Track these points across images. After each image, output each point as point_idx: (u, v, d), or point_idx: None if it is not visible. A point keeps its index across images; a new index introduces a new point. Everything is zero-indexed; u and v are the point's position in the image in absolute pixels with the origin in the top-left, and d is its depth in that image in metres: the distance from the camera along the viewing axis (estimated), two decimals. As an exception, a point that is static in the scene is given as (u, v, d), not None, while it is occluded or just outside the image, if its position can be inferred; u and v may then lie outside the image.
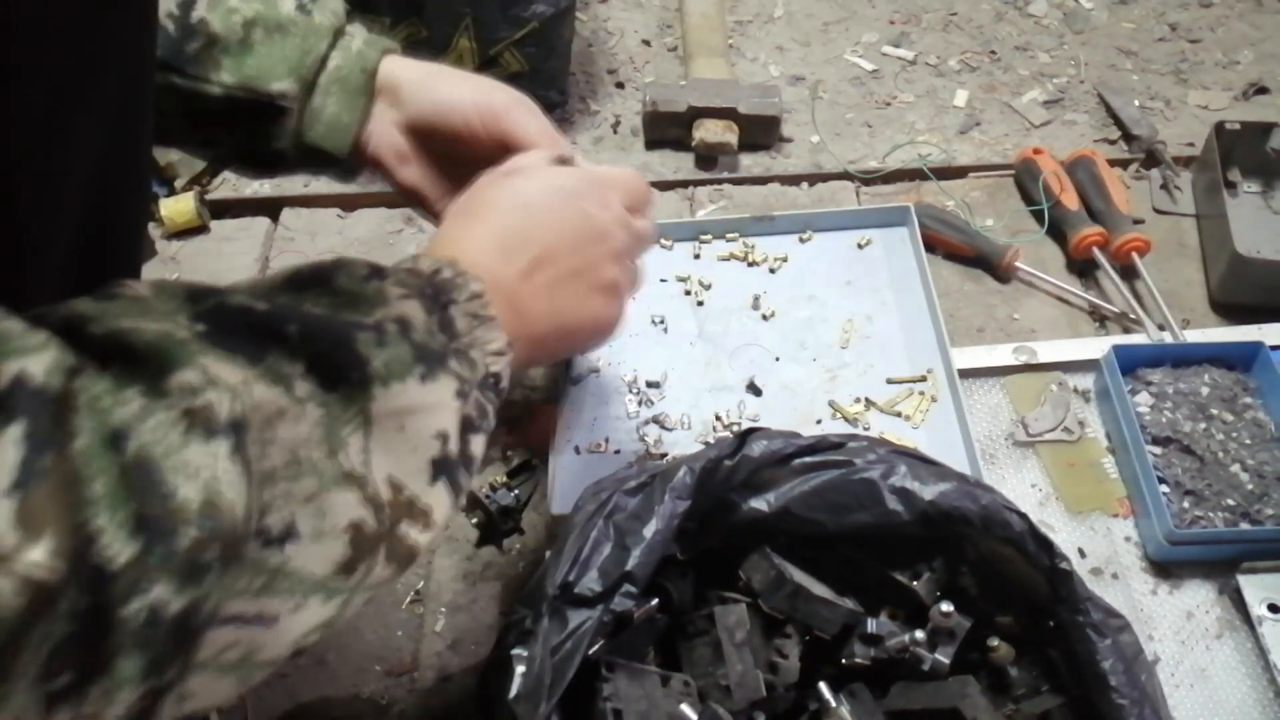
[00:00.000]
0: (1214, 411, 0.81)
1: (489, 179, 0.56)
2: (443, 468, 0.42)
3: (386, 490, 0.39)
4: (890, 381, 0.86)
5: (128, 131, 0.53)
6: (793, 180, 1.08)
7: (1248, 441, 0.80)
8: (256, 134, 0.63)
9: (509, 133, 0.63)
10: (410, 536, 0.41)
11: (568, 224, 0.54)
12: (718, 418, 0.84)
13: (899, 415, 0.84)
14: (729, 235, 0.97)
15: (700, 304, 0.92)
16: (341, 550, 0.37)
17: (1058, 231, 1.00)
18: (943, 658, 0.60)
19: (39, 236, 0.48)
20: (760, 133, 1.11)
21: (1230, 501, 0.77)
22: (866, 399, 0.85)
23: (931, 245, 0.98)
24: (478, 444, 0.46)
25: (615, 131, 1.15)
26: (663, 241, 0.96)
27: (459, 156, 0.64)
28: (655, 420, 0.84)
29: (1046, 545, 0.59)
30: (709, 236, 0.97)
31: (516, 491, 0.82)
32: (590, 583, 0.54)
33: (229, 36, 0.59)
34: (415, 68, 0.65)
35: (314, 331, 0.38)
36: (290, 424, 0.36)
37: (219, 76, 0.60)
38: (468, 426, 0.44)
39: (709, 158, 1.11)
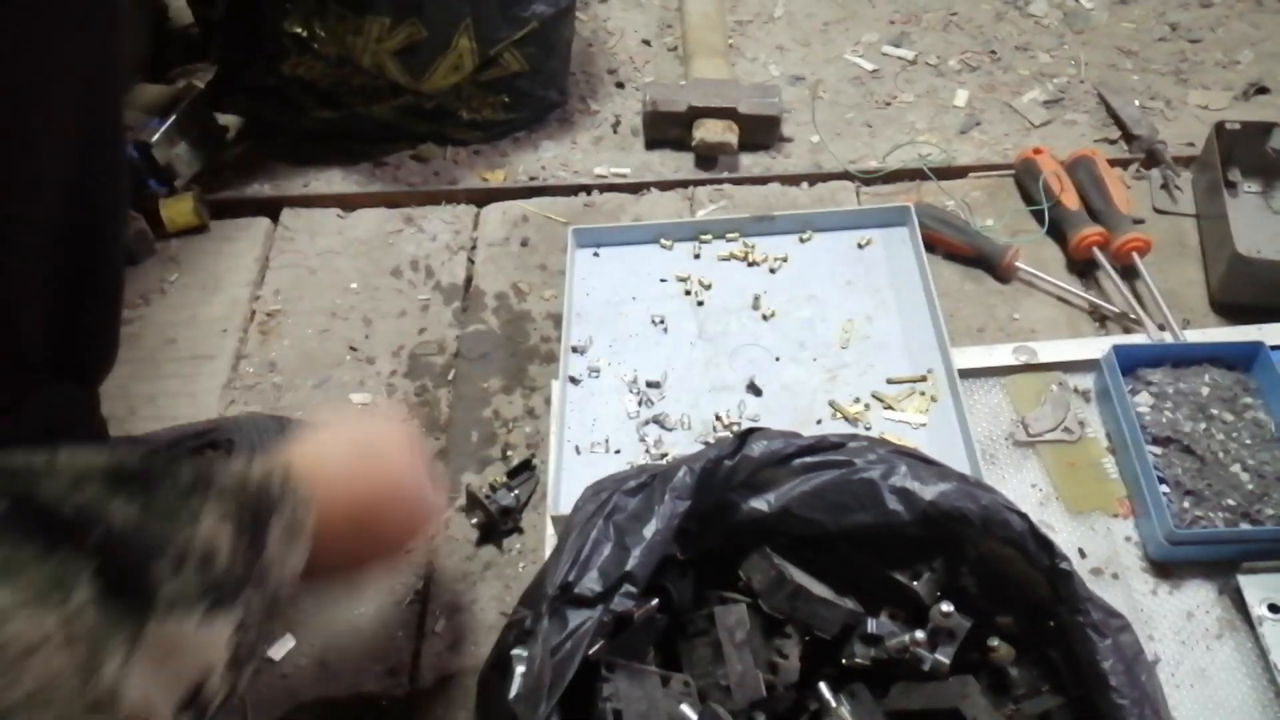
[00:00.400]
0: (1214, 411, 0.81)
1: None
2: (195, 702, 0.42)
3: (138, 709, 0.38)
4: (890, 381, 0.86)
5: (100, 130, 0.53)
6: (793, 180, 1.08)
7: (1248, 441, 0.80)
8: None
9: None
10: None
11: (402, 487, 0.59)
12: (718, 418, 0.84)
13: (899, 415, 0.83)
14: (729, 235, 0.97)
15: (700, 304, 0.92)
16: None
17: (1058, 231, 1.00)
18: (943, 658, 0.60)
19: (15, 236, 0.48)
20: (760, 133, 1.11)
21: (1230, 501, 0.77)
22: (867, 399, 0.85)
23: (931, 245, 0.98)
24: (245, 676, 0.46)
25: (615, 131, 1.15)
26: (663, 241, 0.96)
27: None
28: (655, 420, 0.84)
29: (1047, 545, 0.59)
30: (709, 236, 0.97)
31: (516, 492, 0.82)
32: (590, 583, 0.53)
33: None
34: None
35: (113, 539, 0.38)
36: (47, 656, 0.34)
37: None
38: (238, 661, 0.44)
39: (709, 158, 1.11)
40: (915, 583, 0.62)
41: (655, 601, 0.58)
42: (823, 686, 0.60)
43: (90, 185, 0.53)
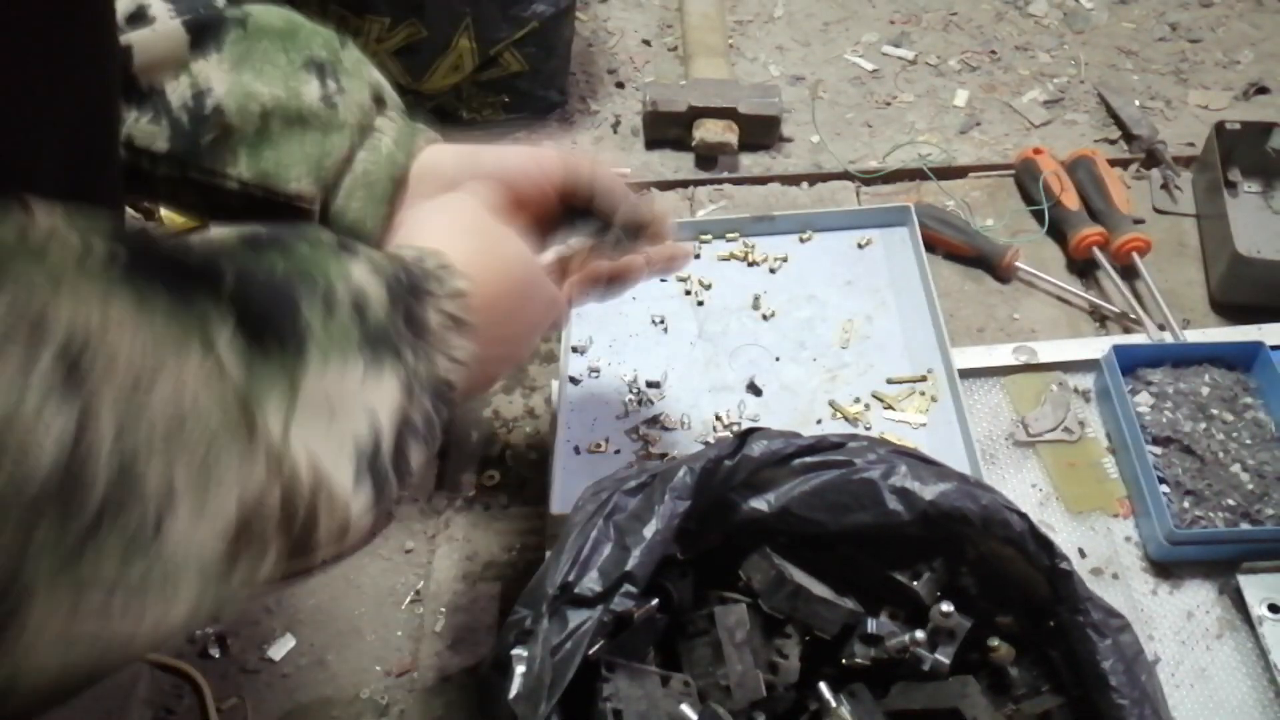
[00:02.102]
0: (1214, 411, 0.81)
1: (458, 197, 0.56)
2: (370, 466, 0.38)
3: (305, 470, 0.35)
4: (890, 381, 0.86)
5: (96, 137, 0.53)
6: (793, 180, 1.08)
7: (1248, 441, 0.80)
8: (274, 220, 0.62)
9: (579, 177, 0.64)
10: (320, 529, 0.36)
11: (530, 286, 0.55)
12: (718, 418, 0.84)
13: (899, 415, 0.83)
14: (729, 235, 0.97)
15: (700, 304, 0.92)
16: (227, 524, 0.32)
17: (1058, 231, 1.00)
18: (943, 658, 0.60)
19: None
20: (760, 133, 1.11)
21: (1230, 501, 0.77)
22: (867, 399, 0.85)
23: (931, 245, 0.98)
24: (415, 454, 0.41)
25: (615, 131, 1.15)
26: (663, 241, 0.96)
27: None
28: (655, 420, 0.84)
29: (1046, 545, 0.59)
30: (709, 236, 0.97)
31: None
32: (590, 583, 0.54)
33: (245, 127, 0.57)
34: (458, 150, 0.63)
35: (253, 284, 0.35)
36: (174, 383, 0.30)
37: (235, 170, 0.57)
38: (408, 430, 0.40)
39: (709, 158, 1.11)
40: (915, 583, 0.62)
41: (655, 601, 0.58)
42: (823, 686, 0.60)
43: (87, 195, 0.53)
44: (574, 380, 0.87)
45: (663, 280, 0.94)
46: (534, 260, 0.56)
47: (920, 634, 0.61)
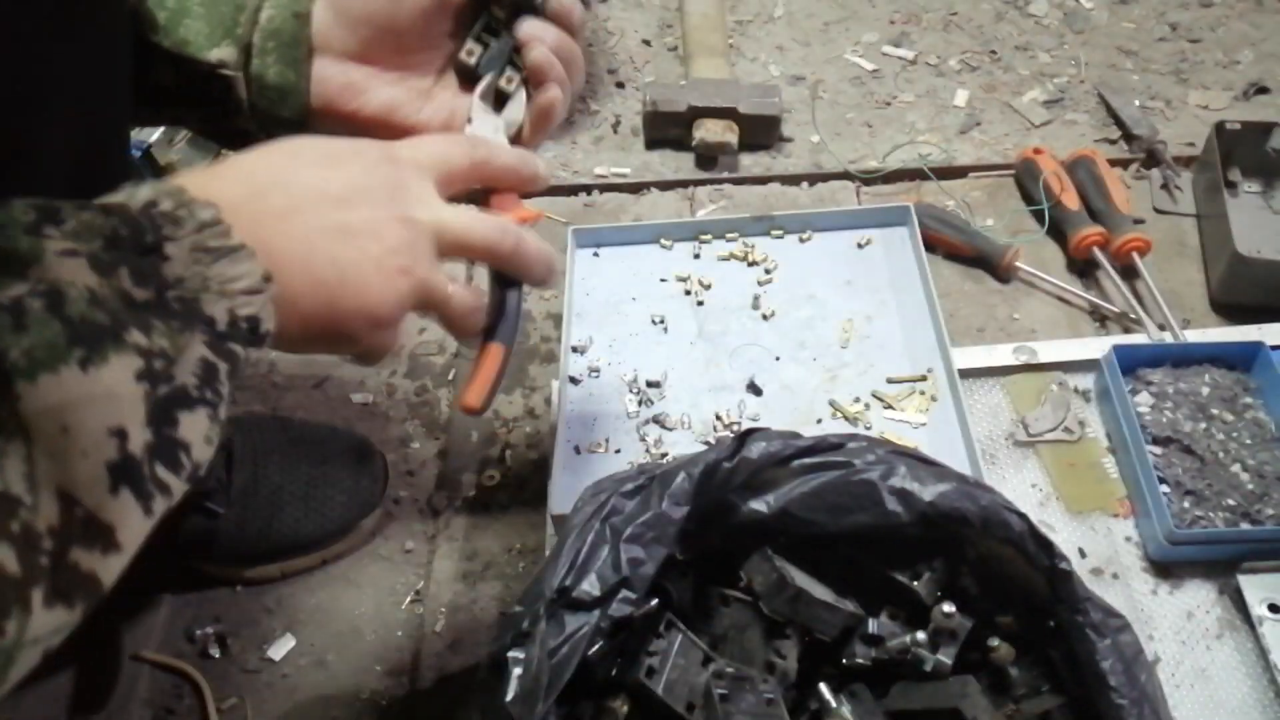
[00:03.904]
0: (1214, 411, 0.81)
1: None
2: (124, 473, 0.34)
3: (52, 509, 0.32)
4: (890, 381, 0.86)
5: (103, 131, 0.53)
6: (793, 180, 1.08)
7: (1248, 441, 0.80)
8: (213, 109, 0.57)
9: None
10: (85, 563, 0.33)
11: (341, 174, 0.47)
12: (718, 418, 0.84)
13: (899, 415, 0.83)
14: (729, 235, 0.97)
15: (700, 304, 0.92)
16: None
17: (1058, 231, 1.00)
18: (944, 658, 0.60)
19: None
20: (760, 133, 1.11)
21: (1230, 501, 0.77)
22: (867, 399, 0.85)
23: (931, 245, 0.98)
24: (192, 425, 0.37)
25: (615, 131, 1.15)
26: (663, 241, 0.97)
27: (414, 44, 0.58)
28: (655, 420, 0.84)
29: (1046, 545, 0.59)
30: (709, 236, 0.97)
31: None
32: (588, 587, 0.53)
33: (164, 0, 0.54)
34: None
35: None
36: None
37: (158, 38, 0.54)
38: (169, 408, 0.36)
39: (709, 158, 1.11)
40: (915, 583, 0.62)
41: (655, 602, 0.58)
42: (823, 687, 0.60)
43: (91, 189, 0.53)
44: (574, 380, 0.87)
45: (662, 280, 0.94)
46: (367, 150, 0.49)
47: (921, 635, 0.61)
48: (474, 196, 0.57)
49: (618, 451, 0.82)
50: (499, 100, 0.61)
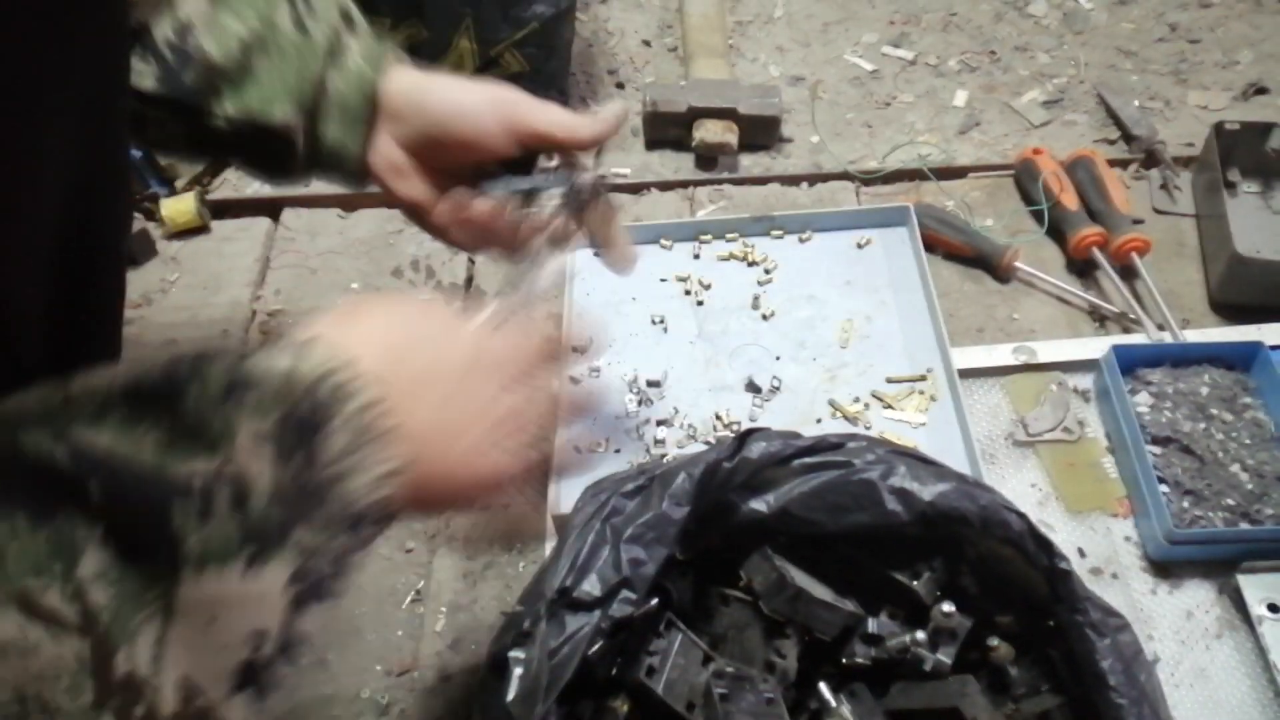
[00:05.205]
0: (1214, 411, 0.82)
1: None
2: (250, 676, 0.35)
3: (175, 698, 0.32)
4: (890, 381, 0.86)
5: (103, 132, 0.53)
6: (793, 180, 1.08)
7: (1247, 441, 0.80)
8: (265, 158, 0.62)
9: (529, 124, 0.61)
10: None
11: (456, 348, 0.48)
12: (718, 417, 0.84)
13: (899, 415, 0.84)
14: (729, 235, 0.97)
15: (700, 304, 0.92)
16: None
17: (1057, 231, 1.00)
18: (944, 658, 0.60)
19: (13, 236, 0.48)
20: (760, 133, 1.11)
21: (1230, 501, 0.77)
22: (867, 398, 0.85)
23: (931, 245, 0.98)
24: (317, 618, 0.38)
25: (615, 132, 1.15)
26: (663, 241, 0.97)
27: (456, 166, 0.63)
28: (655, 420, 0.84)
29: (1046, 545, 0.59)
30: (709, 236, 0.97)
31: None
32: (589, 587, 0.54)
33: (227, 63, 0.57)
34: (411, 81, 0.62)
35: (121, 493, 0.31)
36: (52, 647, 0.29)
37: (221, 108, 0.58)
38: (300, 606, 0.36)
39: (709, 158, 1.11)
40: (915, 583, 0.62)
41: (655, 601, 0.58)
42: (823, 686, 0.60)
43: (92, 189, 0.53)
44: (574, 380, 0.87)
45: (662, 280, 0.94)
46: (465, 326, 0.51)
47: (921, 634, 0.61)
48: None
49: (618, 451, 0.82)
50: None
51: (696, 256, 0.96)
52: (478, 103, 0.61)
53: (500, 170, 0.64)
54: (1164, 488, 0.77)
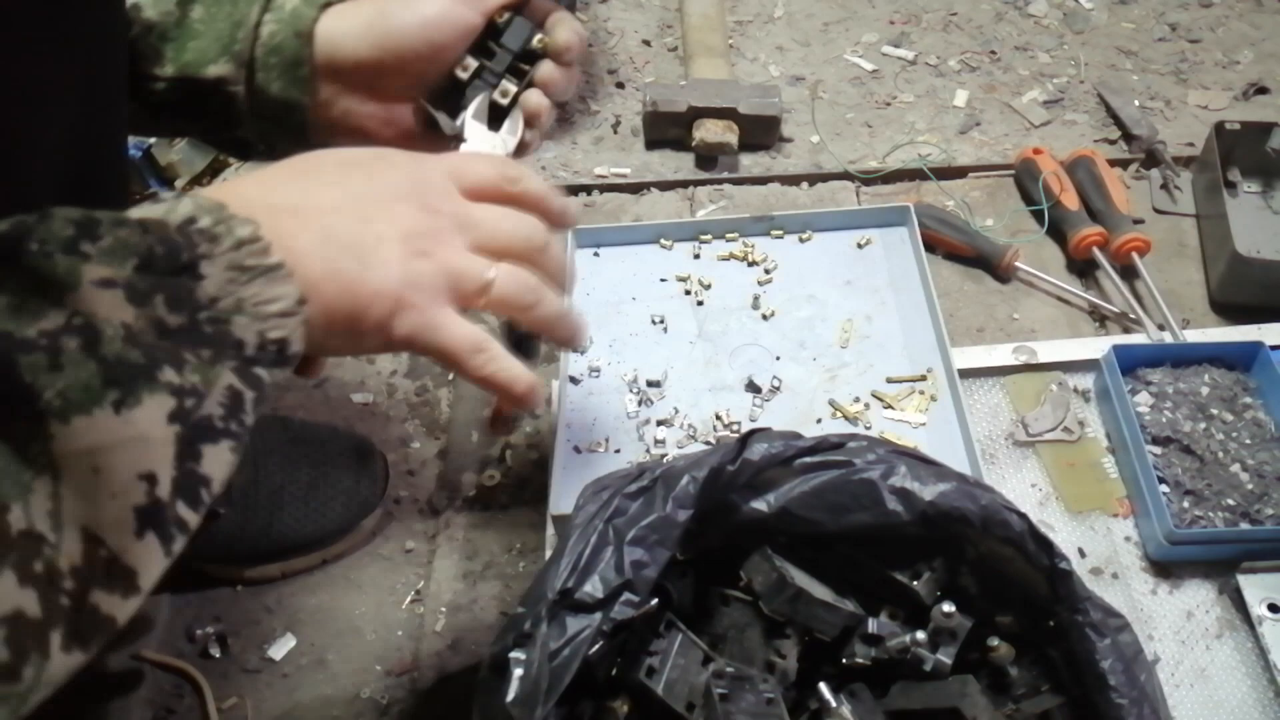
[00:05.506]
0: (1214, 411, 0.81)
1: None
2: (151, 517, 0.34)
3: (76, 549, 0.32)
4: (890, 381, 0.86)
5: (101, 132, 0.53)
6: (793, 180, 1.08)
7: (1248, 441, 0.80)
8: (215, 122, 0.58)
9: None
10: (105, 606, 0.33)
11: (362, 170, 0.47)
12: (718, 417, 0.84)
13: (899, 415, 0.84)
14: (729, 235, 0.97)
15: (700, 304, 0.92)
16: None
17: (1058, 231, 1.00)
18: (944, 658, 0.60)
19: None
20: (760, 133, 1.11)
21: (1230, 501, 0.77)
22: (867, 398, 0.85)
23: (931, 245, 0.98)
24: (215, 458, 0.37)
25: (615, 131, 1.15)
26: (663, 241, 0.97)
27: (418, 79, 0.59)
28: (655, 420, 0.84)
29: (1046, 545, 0.59)
30: (709, 236, 0.97)
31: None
32: (591, 589, 0.53)
33: (165, 20, 0.54)
34: (355, 13, 0.57)
35: None
36: None
37: (161, 69, 0.55)
38: (194, 443, 0.36)
39: (709, 158, 1.11)
40: (915, 583, 0.62)
41: (655, 602, 0.58)
42: (823, 687, 0.60)
43: (91, 189, 0.53)
44: (574, 380, 0.87)
45: (662, 280, 0.94)
46: (363, 149, 0.49)
47: (921, 634, 0.61)
48: None
49: (618, 451, 0.82)
50: (493, 117, 0.60)
51: (696, 256, 0.96)
52: (441, 7, 0.57)
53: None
54: (1164, 488, 0.77)
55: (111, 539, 0.33)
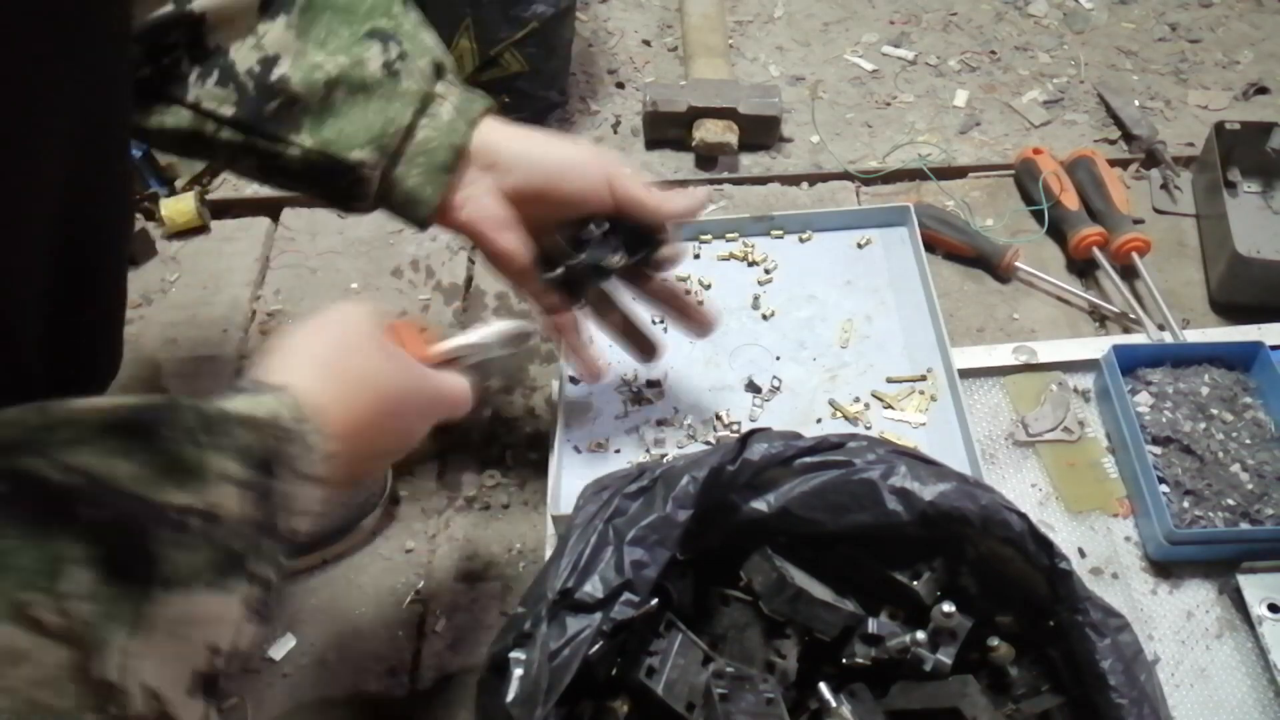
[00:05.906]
0: (1214, 411, 0.81)
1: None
2: (206, 683, 0.38)
3: (141, 702, 0.34)
4: (890, 381, 0.86)
5: (103, 136, 0.53)
6: (793, 180, 1.08)
7: (1248, 441, 0.80)
8: (333, 193, 0.62)
9: (628, 187, 0.64)
10: None
11: (403, 391, 0.55)
12: (718, 417, 0.84)
13: (899, 415, 0.83)
14: (729, 235, 0.97)
15: (700, 304, 0.92)
16: None
17: (1058, 231, 1.00)
18: (944, 658, 0.60)
19: (14, 239, 0.48)
20: (760, 133, 1.11)
21: (1230, 501, 0.77)
22: (867, 398, 0.85)
23: (931, 245, 0.98)
24: (250, 637, 0.41)
25: (615, 131, 1.15)
26: (663, 241, 0.96)
27: (551, 222, 0.65)
28: (655, 420, 0.84)
29: (1046, 545, 0.59)
30: (709, 236, 0.97)
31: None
32: (591, 589, 0.53)
33: (310, 97, 0.58)
34: (514, 134, 0.63)
35: (106, 514, 0.34)
36: (40, 654, 0.31)
37: (298, 138, 0.59)
38: (247, 629, 0.40)
39: (709, 158, 1.11)
40: (915, 583, 0.62)
41: (655, 601, 0.58)
42: (823, 687, 0.60)
43: (93, 192, 0.53)
44: (574, 380, 0.87)
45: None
46: (407, 373, 0.56)
47: (921, 634, 0.61)
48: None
49: (618, 451, 0.82)
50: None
51: (696, 256, 0.96)
52: (586, 159, 0.64)
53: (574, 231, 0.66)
54: (1164, 488, 0.77)
55: (168, 695, 0.36)
